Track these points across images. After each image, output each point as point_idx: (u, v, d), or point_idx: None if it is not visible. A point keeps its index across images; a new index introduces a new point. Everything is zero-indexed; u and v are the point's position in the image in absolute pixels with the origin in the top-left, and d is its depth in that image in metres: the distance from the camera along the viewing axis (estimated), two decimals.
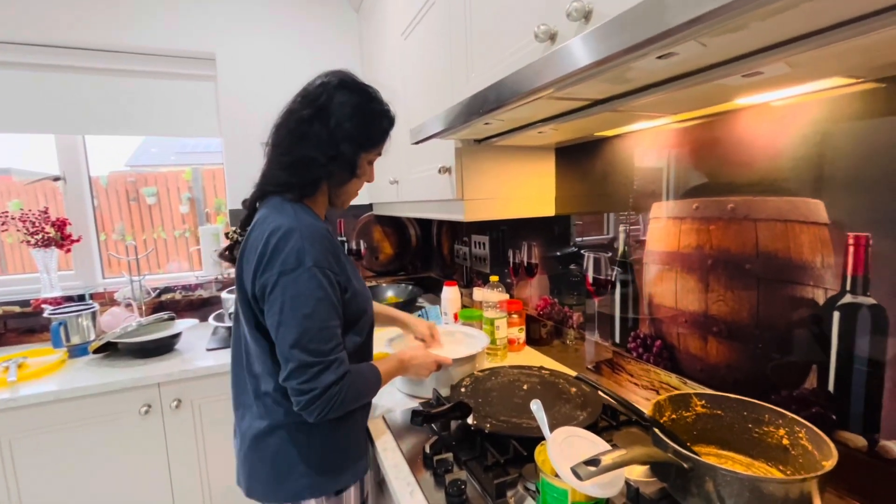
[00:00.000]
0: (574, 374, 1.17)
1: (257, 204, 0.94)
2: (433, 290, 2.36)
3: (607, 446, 0.68)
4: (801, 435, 0.70)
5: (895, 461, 0.65)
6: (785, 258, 0.76)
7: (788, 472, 0.72)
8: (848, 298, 0.68)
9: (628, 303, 1.11)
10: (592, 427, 0.90)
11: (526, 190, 1.31)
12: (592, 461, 0.57)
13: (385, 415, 1.09)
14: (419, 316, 1.83)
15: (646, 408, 0.95)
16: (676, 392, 0.82)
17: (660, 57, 0.50)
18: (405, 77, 1.56)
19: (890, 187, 0.63)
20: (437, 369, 1.09)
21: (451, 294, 1.64)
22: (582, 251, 1.27)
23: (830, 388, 0.72)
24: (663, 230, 0.99)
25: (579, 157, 1.25)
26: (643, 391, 1.08)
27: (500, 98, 0.72)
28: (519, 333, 1.51)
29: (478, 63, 1.05)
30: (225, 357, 1.59)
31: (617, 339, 1.16)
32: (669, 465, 0.66)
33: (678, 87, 0.62)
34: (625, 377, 1.14)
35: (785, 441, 0.72)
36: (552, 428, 0.71)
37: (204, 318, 1.98)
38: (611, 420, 0.97)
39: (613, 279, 1.15)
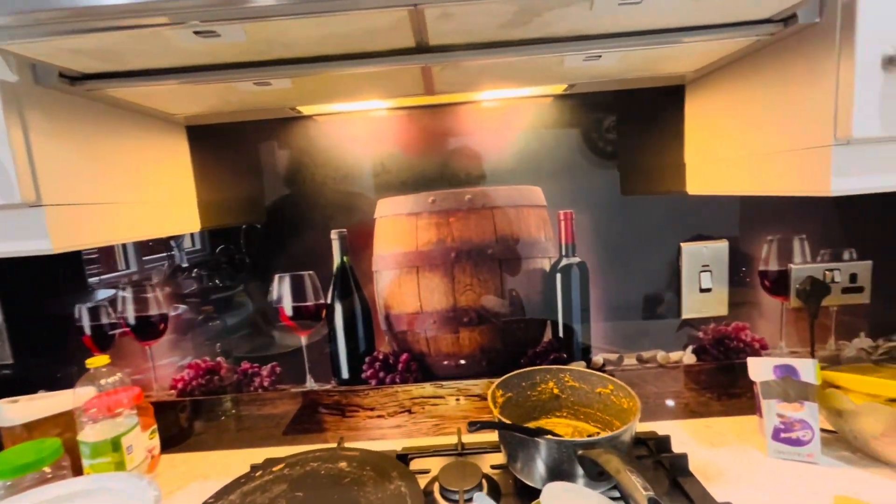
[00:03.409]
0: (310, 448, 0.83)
1: None
2: None
3: (594, 493, 0.54)
4: (566, 379, 0.85)
5: (599, 368, 0.92)
6: (519, 238, 0.88)
7: (564, 414, 0.85)
8: (564, 262, 0.89)
9: (357, 325, 0.91)
10: (409, 479, 0.68)
11: (155, 189, 0.76)
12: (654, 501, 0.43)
13: None
14: None
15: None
16: (486, 391, 0.76)
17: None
18: None
19: (578, 175, 0.87)
20: None
21: None
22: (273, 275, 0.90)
23: (561, 334, 0.91)
24: (396, 229, 0.88)
25: (238, 142, 0.87)
26: (394, 419, 0.92)
27: None
28: (152, 440, 0.87)
29: None
30: None
31: (345, 375, 0.92)
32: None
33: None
34: (363, 416, 0.93)
35: (555, 390, 0.85)
36: None
37: None
38: (404, 464, 0.77)
39: (330, 302, 0.90)
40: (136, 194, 0.71)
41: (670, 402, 0.92)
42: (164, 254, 0.95)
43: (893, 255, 0.87)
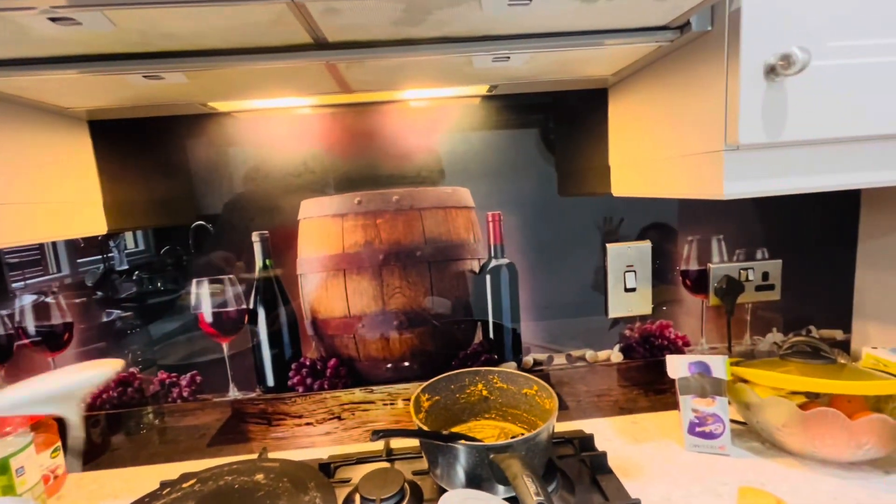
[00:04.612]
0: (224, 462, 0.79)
1: None
2: None
3: (496, 499, 0.54)
4: (495, 380, 0.84)
5: (530, 368, 0.92)
6: (447, 240, 0.87)
7: (493, 416, 0.85)
8: (493, 263, 0.89)
9: (282, 330, 0.88)
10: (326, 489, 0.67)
11: (50, 189, 0.70)
12: None
13: None
14: None
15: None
16: (413, 397, 0.75)
17: None
18: None
19: (506, 177, 0.87)
20: None
21: None
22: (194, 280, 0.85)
23: (491, 335, 0.91)
24: (321, 231, 0.85)
25: (149, 140, 0.82)
26: (323, 426, 0.89)
27: None
28: (54, 459, 0.81)
29: None
30: None
31: (271, 382, 0.89)
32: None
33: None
34: (290, 424, 0.89)
35: (484, 392, 0.85)
36: None
37: None
38: (325, 475, 0.74)
39: (253, 307, 0.86)
40: (26, 194, 0.65)
41: (608, 395, 0.94)
42: (101, 255, 0.88)
43: (800, 253, 0.92)
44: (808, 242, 0.92)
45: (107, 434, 0.88)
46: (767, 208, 0.91)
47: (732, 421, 0.78)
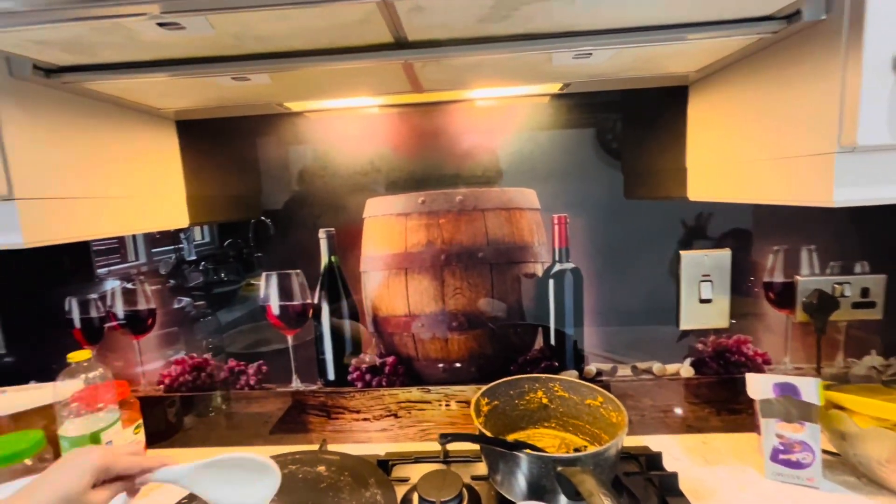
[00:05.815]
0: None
1: None
2: None
3: None
4: (556, 388, 0.82)
5: (592, 378, 0.89)
6: (510, 242, 0.85)
7: (553, 425, 0.82)
8: (557, 267, 0.86)
9: (344, 325, 0.89)
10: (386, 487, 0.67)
11: (141, 184, 0.75)
12: None
13: None
14: None
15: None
16: (473, 400, 0.74)
17: None
18: None
19: (574, 178, 0.84)
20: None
21: None
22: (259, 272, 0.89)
23: (552, 342, 0.88)
24: (385, 230, 0.86)
25: (228, 138, 0.86)
26: (380, 422, 0.91)
27: None
28: (136, 435, 0.87)
29: None
30: None
31: (331, 376, 0.91)
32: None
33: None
34: (348, 419, 0.91)
35: (544, 399, 0.82)
36: None
37: None
38: (383, 472, 0.75)
39: (317, 302, 0.89)
40: (120, 189, 0.70)
41: (676, 412, 0.88)
42: (172, 246, 0.95)
43: None
44: None
45: (181, 414, 0.94)
46: (869, 216, 0.82)
47: (823, 451, 0.71)
